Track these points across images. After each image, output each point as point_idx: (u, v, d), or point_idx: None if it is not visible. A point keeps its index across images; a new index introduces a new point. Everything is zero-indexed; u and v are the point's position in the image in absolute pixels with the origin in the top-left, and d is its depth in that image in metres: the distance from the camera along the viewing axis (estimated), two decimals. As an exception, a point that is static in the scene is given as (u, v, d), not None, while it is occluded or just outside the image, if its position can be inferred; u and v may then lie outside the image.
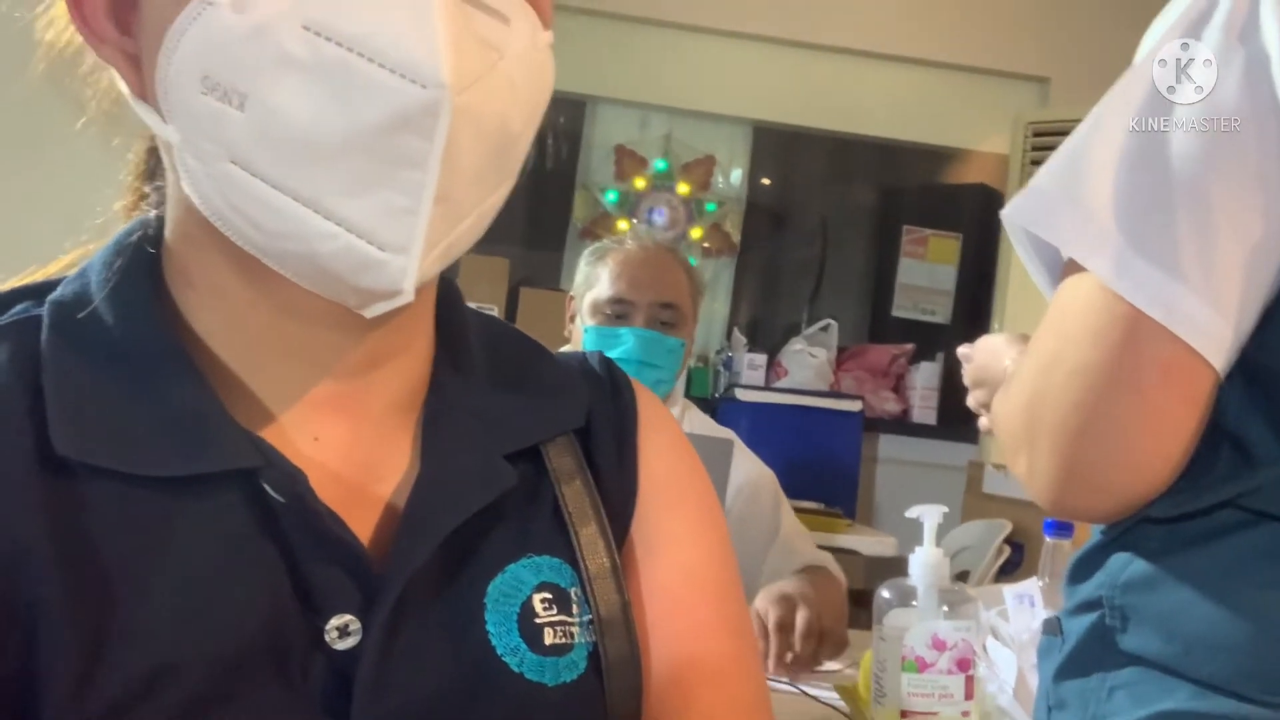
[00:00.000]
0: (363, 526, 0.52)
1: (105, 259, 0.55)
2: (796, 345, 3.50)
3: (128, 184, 0.62)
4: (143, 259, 0.55)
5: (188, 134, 0.48)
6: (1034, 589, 1.04)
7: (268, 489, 0.49)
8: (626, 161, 3.58)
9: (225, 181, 0.48)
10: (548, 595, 0.55)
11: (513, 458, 0.57)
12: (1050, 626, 0.68)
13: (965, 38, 3.48)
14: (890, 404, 3.53)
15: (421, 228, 0.47)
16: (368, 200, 0.46)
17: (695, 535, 0.62)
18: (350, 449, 0.55)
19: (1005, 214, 0.68)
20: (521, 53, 0.50)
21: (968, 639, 0.98)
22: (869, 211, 3.80)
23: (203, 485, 0.49)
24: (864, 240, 3.80)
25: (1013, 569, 2.68)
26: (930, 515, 1.03)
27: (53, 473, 0.47)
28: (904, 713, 0.98)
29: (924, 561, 1.02)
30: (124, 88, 0.52)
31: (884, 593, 1.05)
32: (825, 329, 3.57)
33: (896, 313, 3.67)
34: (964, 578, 2.68)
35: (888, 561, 2.62)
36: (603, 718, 0.55)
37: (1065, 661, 0.66)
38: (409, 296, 0.49)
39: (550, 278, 3.46)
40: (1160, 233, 0.61)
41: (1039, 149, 3.34)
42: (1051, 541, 1.09)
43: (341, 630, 0.49)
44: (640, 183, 3.58)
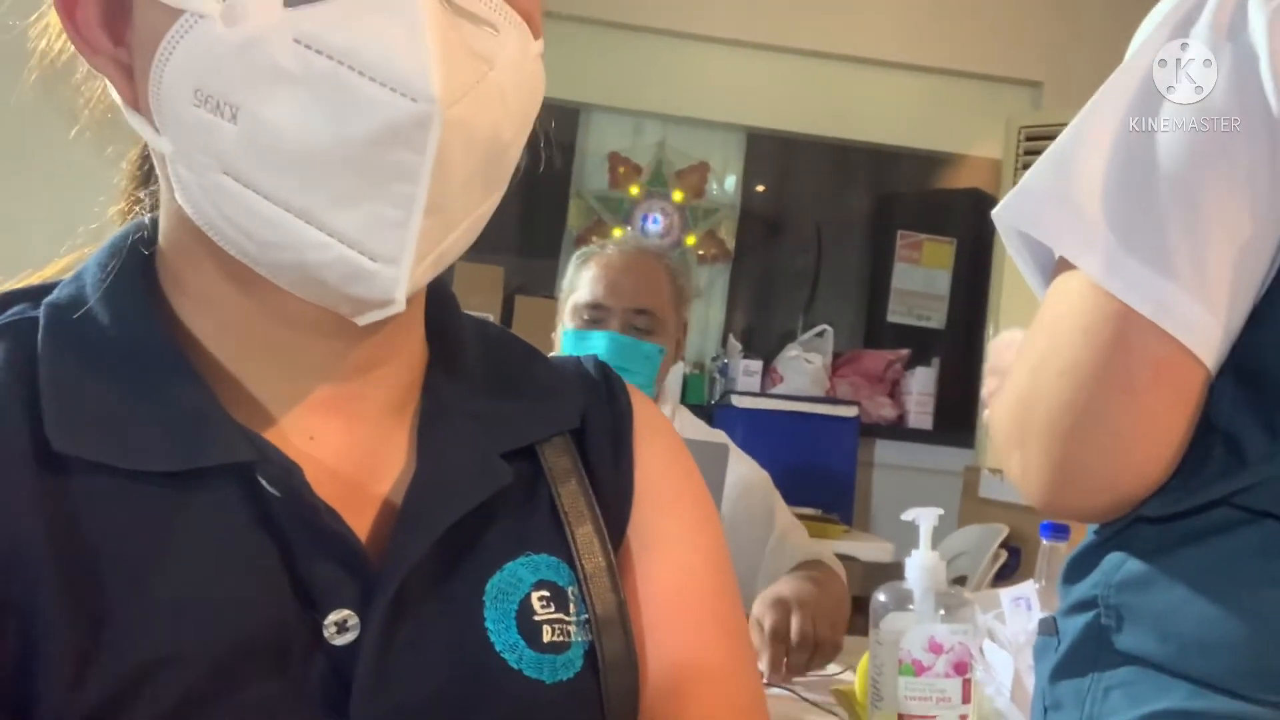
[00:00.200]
0: (360, 523, 0.53)
1: (100, 261, 0.55)
2: (792, 351, 3.50)
3: (121, 189, 0.62)
4: (137, 261, 0.55)
5: (180, 145, 0.48)
6: (1030, 591, 1.04)
7: (263, 483, 0.49)
8: (620, 169, 3.59)
9: (217, 192, 0.48)
10: (546, 593, 0.55)
11: (509, 457, 0.57)
12: (1046, 627, 0.68)
13: (957, 42, 3.49)
14: (886, 409, 3.53)
15: (412, 239, 0.47)
16: (359, 212, 0.47)
17: (691, 538, 0.62)
18: (346, 447, 0.55)
19: (996, 214, 0.68)
20: (512, 63, 0.50)
21: (965, 642, 0.98)
22: (863, 217, 3.81)
23: (199, 480, 0.49)
24: (858, 246, 3.80)
25: (1010, 573, 2.68)
26: (926, 518, 1.03)
27: (49, 469, 0.47)
28: (901, 716, 0.98)
29: (920, 565, 1.02)
30: (117, 98, 0.52)
31: (880, 596, 1.05)
32: (821, 335, 3.57)
33: (892, 318, 3.68)
34: (961, 582, 2.68)
35: (885, 567, 2.62)
36: (599, 716, 0.55)
37: (1061, 661, 0.66)
38: (401, 306, 0.49)
39: (545, 285, 3.46)
40: (1150, 231, 0.61)
41: (1032, 153, 3.35)
42: (1048, 544, 1.09)
43: (340, 625, 0.49)
44: (634, 190, 3.59)
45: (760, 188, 3.74)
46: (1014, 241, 0.69)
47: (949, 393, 3.53)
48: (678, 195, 3.60)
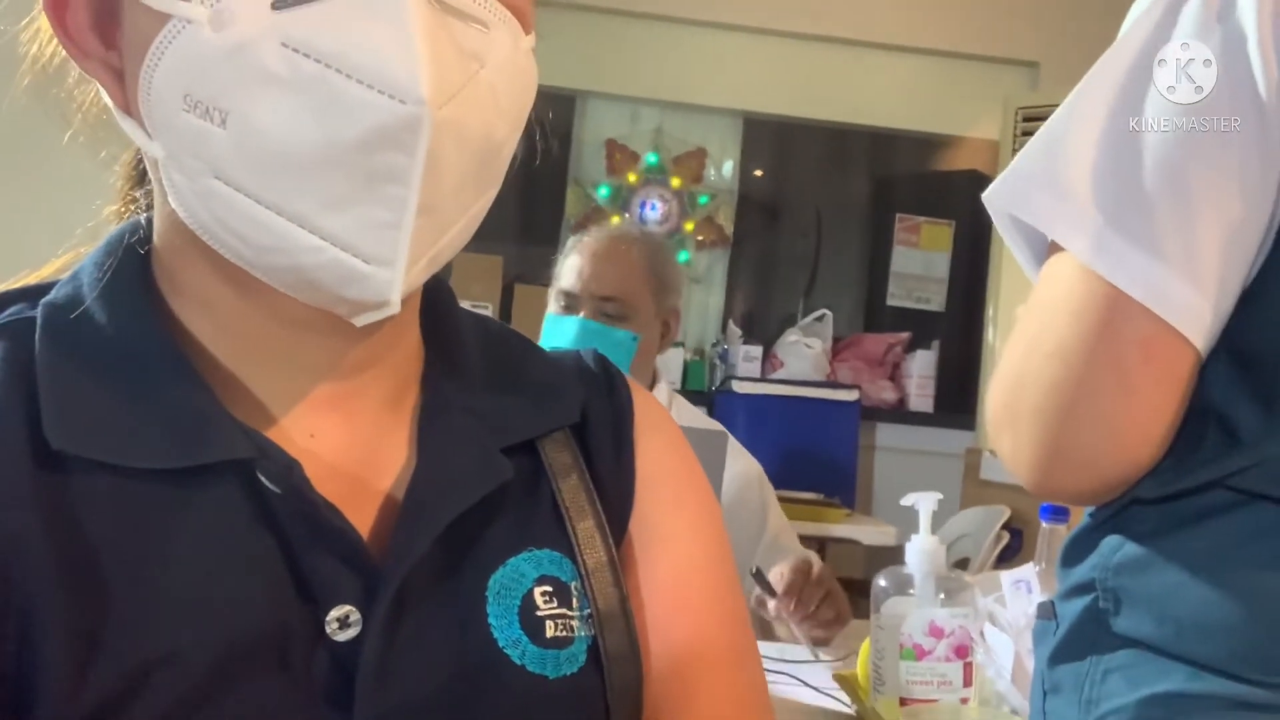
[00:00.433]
0: (361, 519, 0.53)
1: (97, 260, 0.55)
2: (792, 336, 3.50)
3: (117, 189, 0.62)
4: (134, 260, 0.55)
5: (171, 150, 0.48)
6: (1031, 574, 1.04)
7: (264, 480, 0.49)
8: (617, 156, 3.58)
9: (210, 197, 0.48)
10: (548, 588, 0.55)
11: (510, 452, 0.57)
12: (1044, 611, 0.69)
13: (954, 23, 3.48)
14: (887, 393, 3.53)
15: (405, 241, 0.47)
16: (351, 215, 0.47)
17: (693, 532, 0.62)
18: (346, 444, 0.55)
19: (987, 197, 0.68)
20: (503, 60, 0.50)
21: (965, 626, 0.98)
22: (861, 200, 3.80)
23: (198, 478, 0.49)
24: (857, 230, 3.80)
25: (1012, 555, 2.68)
26: (925, 502, 1.03)
27: (48, 468, 0.47)
28: (903, 700, 0.98)
29: (920, 549, 1.03)
30: (109, 102, 0.52)
31: (881, 581, 1.05)
32: (820, 319, 3.57)
33: (891, 301, 3.67)
34: (964, 565, 2.69)
35: (887, 550, 2.62)
36: (603, 711, 0.55)
37: (1059, 645, 0.66)
38: (396, 308, 0.49)
39: (544, 274, 3.41)
40: (1139, 212, 0.61)
41: (1029, 134, 3.28)
42: (1048, 526, 1.09)
43: (342, 621, 0.49)
44: (632, 177, 3.58)
45: (758, 172, 3.73)
46: (1006, 225, 0.69)
47: (949, 375, 3.53)
48: (675, 181, 3.59)
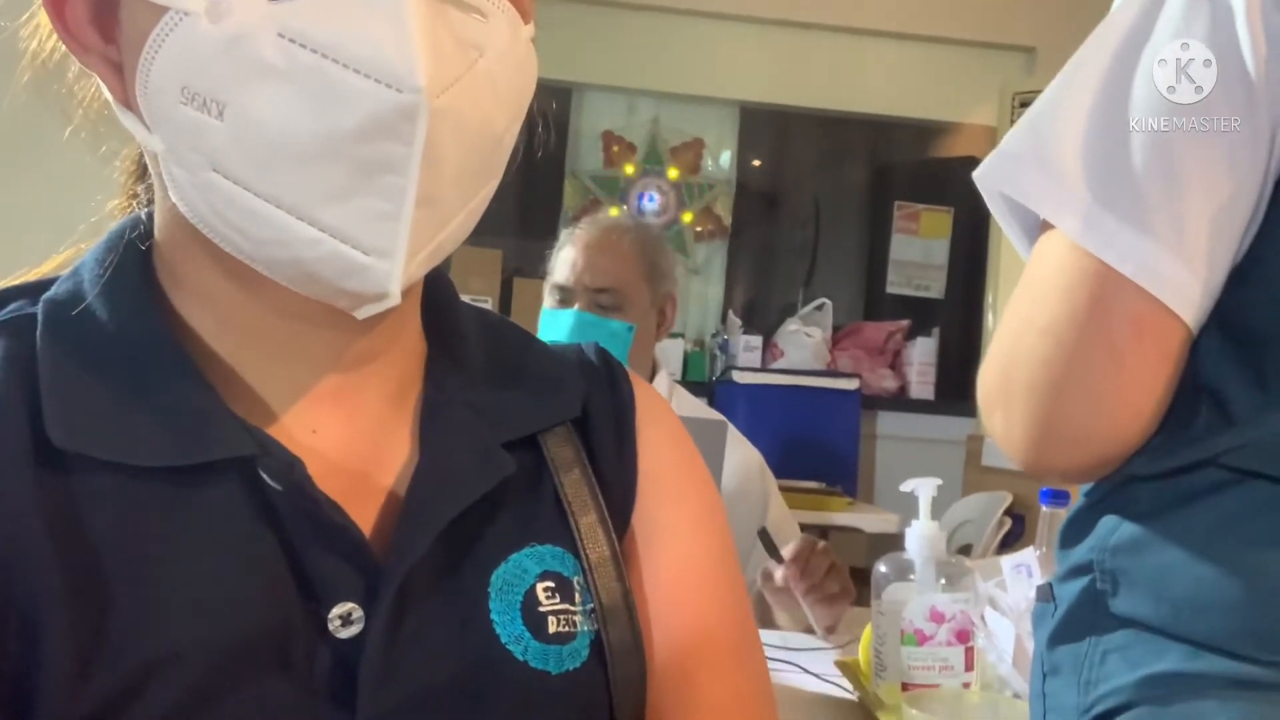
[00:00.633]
0: (364, 516, 0.53)
1: (98, 256, 0.55)
2: (792, 326, 3.50)
3: (120, 184, 0.62)
4: (135, 255, 0.55)
5: (171, 143, 0.48)
6: (1031, 558, 1.05)
7: (265, 477, 0.49)
8: (615, 148, 3.58)
9: (209, 190, 0.48)
10: (550, 584, 0.55)
11: (511, 448, 0.57)
12: (1043, 593, 0.69)
13: (950, 10, 3.47)
14: (888, 381, 3.54)
15: (404, 232, 0.47)
16: (349, 206, 0.46)
17: (695, 527, 0.62)
18: (349, 440, 0.55)
19: (977, 175, 0.68)
20: (502, 49, 0.50)
21: (966, 610, 0.99)
22: (860, 189, 3.80)
23: (200, 476, 0.49)
24: (856, 218, 3.79)
25: (1014, 541, 2.69)
26: (925, 488, 1.03)
27: (49, 466, 0.47)
28: (905, 685, 0.99)
29: (920, 535, 1.03)
30: (109, 96, 0.51)
31: (881, 567, 1.05)
32: (820, 308, 3.57)
33: (891, 289, 3.68)
34: (966, 551, 2.69)
35: (890, 538, 2.63)
36: (606, 706, 0.55)
37: (1058, 627, 0.66)
38: (396, 299, 0.49)
39: (543, 268, 3.44)
40: (1128, 189, 0.61)
41: (1027, 120, 3.33)
42: (1047, 510, 1.09)
43: (344, 619, 0.49)
44: (629, 169, 3.58)
45: (756, 163, 3.73)
46: (998, 204, 0.69)
47: (950, 362, 3.53)
48: (673, 173, 3.59)
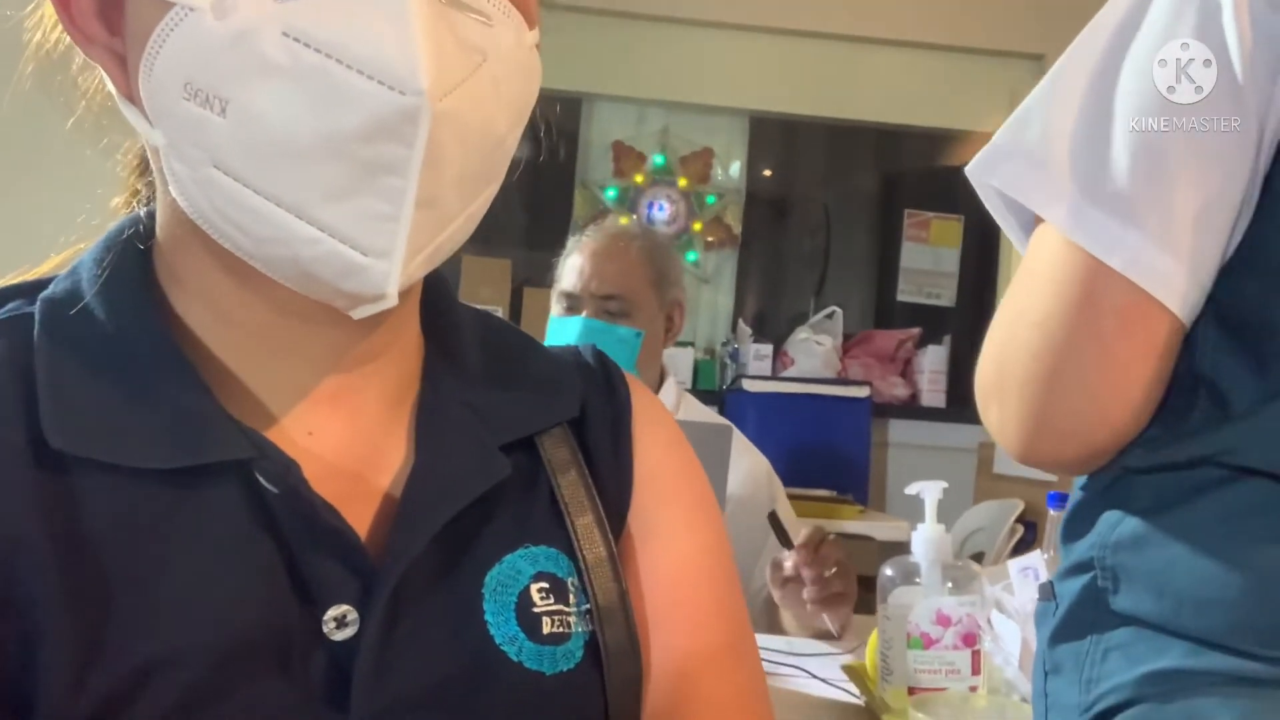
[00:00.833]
0: (360, 518, 0.53)
1: (96, 256, 0.55)
2: (802, 334, 3.50)
3: (123, 179, 0.62)
4: (133, 255, 0.55)
5: (172, 138, 0.48)
6: (1038, 561, 1.04)
7: (261, 480, 0.49)
8: (624, 157, 3.59)
9: (210, 186, 0.48)
10: (545, 585, 0.55)
11: (508, 449, 0.57)
12: (1044, 592, 0.69)
13: (958, 18, 3.47)
14: (898, 389, 3.53)
15: (403, 233, 0.47)
16: (349, 206, 0.47)
17: (691, 527, 0.62)
18: (345, 442, 0.55)
19: (970, 170, 0.69)
20: (506, 54, 0.50)
21: (972, 614, 0.98)
22: (870, 197, 3.80)
23: (197, 478, 0.49)
24: (866, 226, 3.79)
25: (1026, 548, 2.67)
26: (930, 491, 1.03)
27: (47, 467, 0.47)
28: (912, 689, 0.98)
29: (926, 538, 1.03)
30: (112, 88, 0.52)
31: (887, 570, 1.05)
32: (830, 317, 3.56)
33: (901, 297, 3.67)
34: (978, 559, 2.68)
35: (901, 546, 2.61)
36: (601, 706, 0.55)
37: (1059, 625, 0.66)
38: (393, 300, 0.49)
39: (552, 277, 3.47)
40: (1115, 181, 0.62)
41: (1036, 127, 3.32)
42: (1055, 514, 1.09)
43: (339, 621, 0.49)
44: (639, 178, 3.58)
45: (767, 173, 3.73)
46: (992, 199, 0.70)
47: (961, 370, 3.52)
48: (683, 182, 3.59)
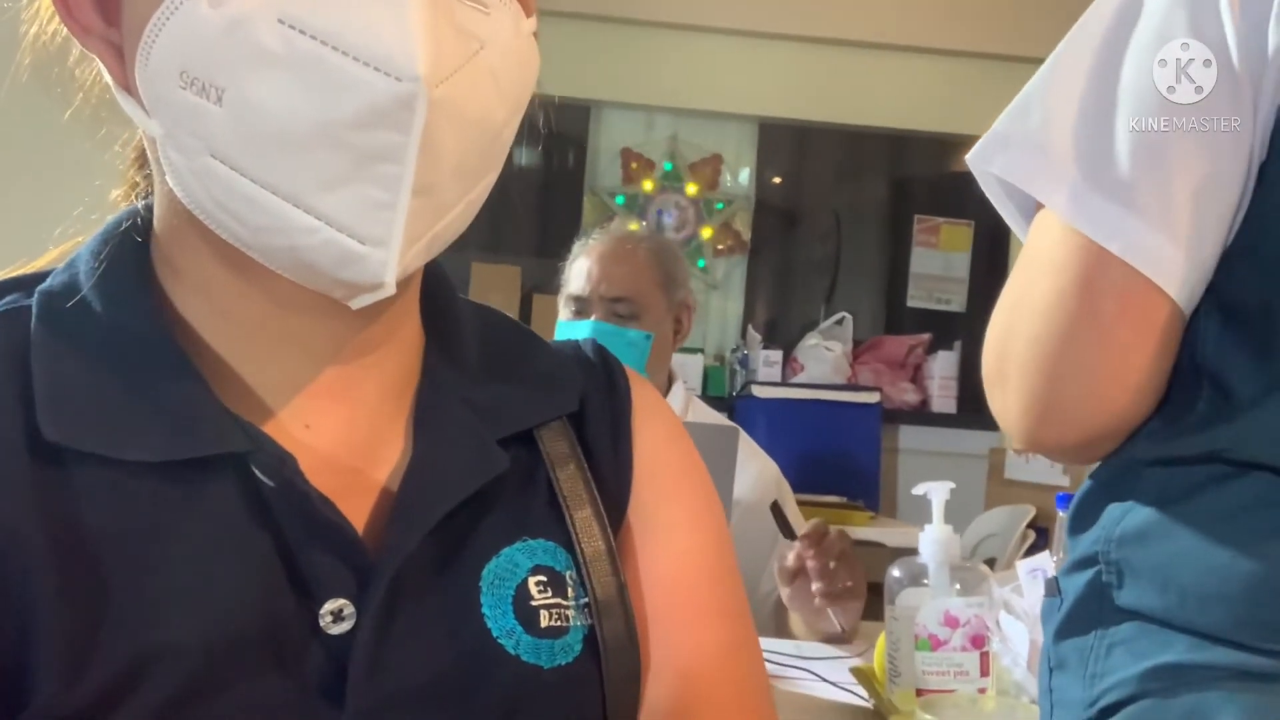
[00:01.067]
0: (357, 512, 0.52)
1: (93, 249, 0.55)
2: (812, 340, 3.49)
3: (121, 172, 0.62)
4: (130, 248, 0.55)
5: (169, 127, 0.48)
6: (1047, 563, 1.04)
7: (258, 473, 0.49)
8: (633, 164, 3.59)
9: (206, 175, 0.48)
10: (543, 578, 0.55)
11: (506, 443, 0.57)
12: (1050, 588, 0.69)
13: (966, 23, 3.47)
14: (909, 394, 3.52)
15: (400, 221, 0.47)
16: (345, 194, 0.46)
17: (692, 522, 0.62)
18: (343, 435, 0.55)
19: (969, 158, 0.69)
20: (503, 42, 0.50)
21: (981, 615, 0.98)
22: (879, 203, 3.79)
23: (193, 471, 0.49)
24: (876, 232, 3.79)
25: (1038, 554, 2.66)
26: (937, 492, 1.03)
27: (43, 460, 0.47)
28: (919, 691, 0.97)
29: (933, 539, 1.02)
30: (109, 79, 0.51)
31: (895, 572, 1.05)
32: (840, 322, 3.56)
33: (912, 303, 3.67)
34: (990, 565, 2.67)
35: (912, 552, 2.60)
36: (599, 700, 0.55)
37: (1064, 621, 0.66)
38: (391, 289, 0.48)
39: (560, 282, 3.47)
40: (1114, 167, 0.62)
41: (1046, 132, 3.31)
42: (1064, 516, 1.08)
43: (335, 615, 0.49)
44: (648, 185, 3.59)
45: (777, 180, 3.73)
46: (992, 186, 0.70)
47: (972, 375, 3.48)
48: (692, 189, 3.60)
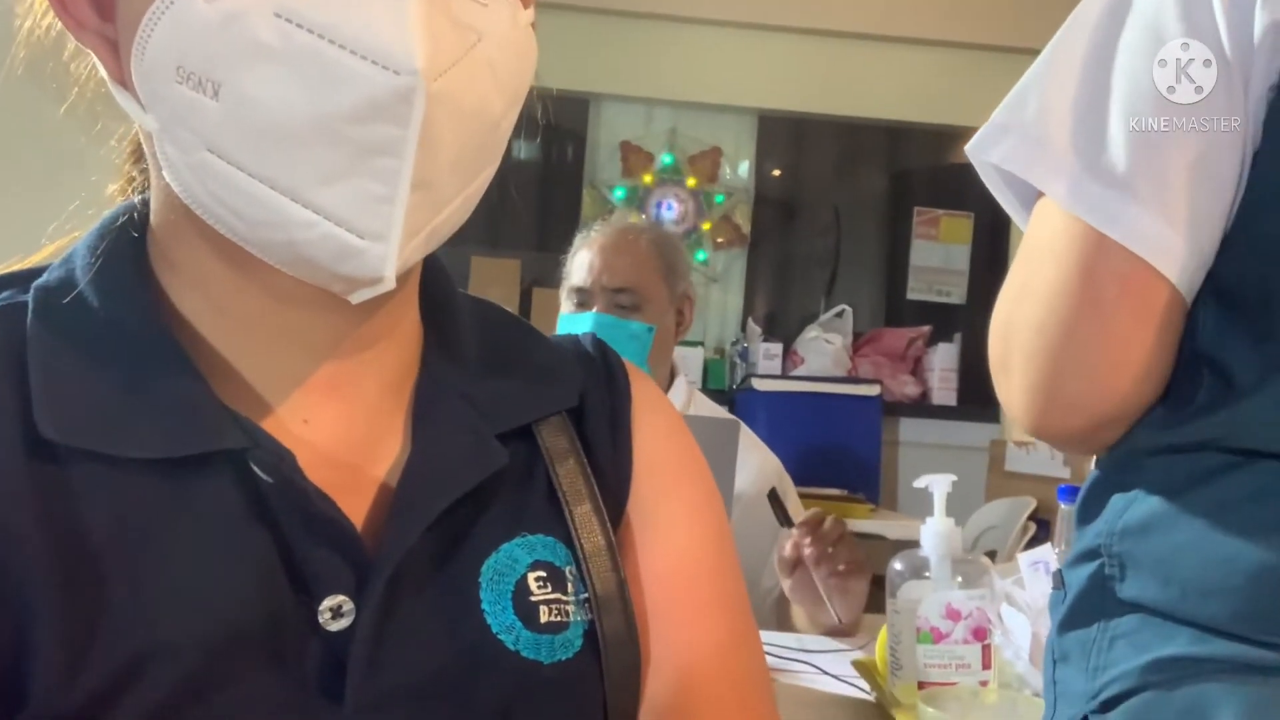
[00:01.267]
0: (355, 508, 0.52)
1: (89, 244, 0.54)
2: (812, 333, 3.49)
3: (118, 166, 0.62)
4: (127, 243, 0.54)
5: (165, 122, 0.48)
6: (1049, 555, 1.03)
7: (256, 470, 0.49)
8: (633, 157, 3.58)
9: (204, 170, 0.47)
10: (542, 573, 0.55)
11: (505, 438, 0.57)
12: (1055, 580, 0.69)
13: (966, 14, 3.46)
14: (909, 387, 3.51)
15: (399, 215, 0.47)
16: (344, 188, 0.46)
17: (692, 517, 0.62)
18: (342, 431, 0.54)
19: (969, 149, 0.70)
20: (501, 34, 0.50)
21: (982, 607, 0.97)
22: (879, 195, 3.78)
23: (190, 468, 0.48)
24: (876, 224, 3.78)
25: (1039, 546, 2.66)
26: (939, 485, 1.02)
27: (40, 458, 0.47)
28: (921, 684, 0.97)
29: (935, 531, 1.02)
30: (105, 74, 0.51)
31: (897, 565, 1.04)
32: (840, 315, 3.56)
33: (911, 295, 3.66)
34: (991, 557, 2.67)
35: (913, 545, 2.60)
36: (599, 696, 0.55)
37: (1067, 613, 0.66)
38: (391, 284, 0.48)
39: (560, 275, 3.47)
40: (1111, 153, 0.63)
41: (1046, 123, 3.31)
42: (1066, 508, 1.08)
43: (334, 611, 0.49)
44: (647, 178, 3.58)
45: (776, 173, 3.72)
46: (991, 176, 0.71)
47: (972, 368, 3.50)
48: (691, 181, 3.59)
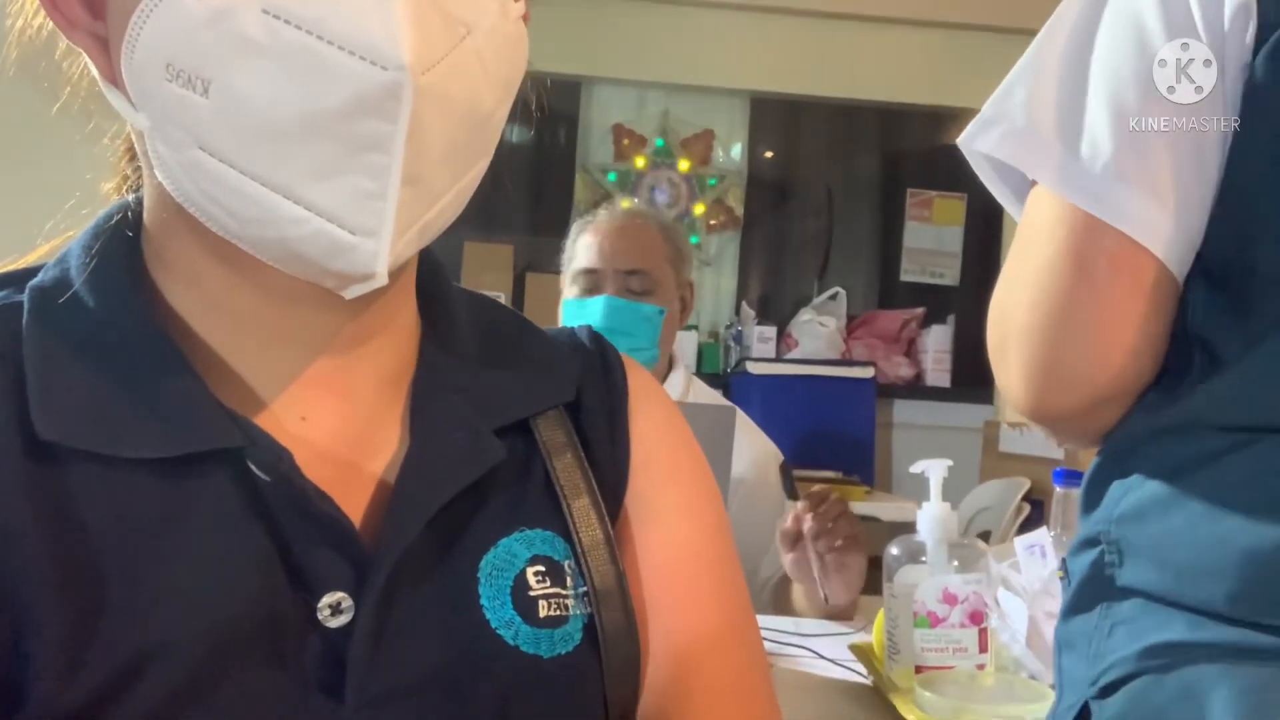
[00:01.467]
0: (353, 505, 0.52)
1: (84, 243, 0.54)
2: (805, 315, 3.49)
3: (112, 165, 0.61)
4: (121, 242, 0.54)
5: (156, 120, 0.48)
6: (1045, 538, 1.04)
7: (253, 468, 0.49)
8: (625, 141, 3.57)
9: (195, 168, 0.47)
10: (541, 568, 0.55)
11: (502, 433, 0.57)
12: (1061, 569, 0.70)
13: (960, -5, 3.45)
14: (903, 369, 3.52)
15: (390, 211, 0.47)
16: (334, 184, 0.46)
17: (689, 509, 0.62)
18: (339, 428, 0.54)
19: (961, 141, 0.72)
20: (491, 27, 0.49)
21: (979, 591, 0.98)
22: (872, 177, 3.78)
23: (188, 467, 0.48)
24: (869, 206, 3.77)
25: (1033, 527, 2.67)
26: (935, 469, 1.03)
27: (37, 458, 0.47)
28: (919, 668, 0.98)
29: (931, 516, 1.02)
30: (96, 73, 0.51)
31: (893, 549, 1.05)
32: (834, 298, 3.56)
33: (905, 277, 3.66)
34: (985, 538, 2.68)
35: (908, 526, 2.60)
36: (599, 689, 0.55)
37: (1070, 602, 0.67)
38: (383, 279, 0.48)
39: (555, 262, 3.39)
40: (1096, 137, 0.65)
41: (1039, 104, 3.31)
42: (1061, 491, 1.09)
43: (334, 608, 0.49)
44: (640, 161, 3.57)
45: (769, 154, 3.72)
46: (983, 167, 0.73)
47: (966, 349, 3.51)
48: (684, 164, 3.58)
